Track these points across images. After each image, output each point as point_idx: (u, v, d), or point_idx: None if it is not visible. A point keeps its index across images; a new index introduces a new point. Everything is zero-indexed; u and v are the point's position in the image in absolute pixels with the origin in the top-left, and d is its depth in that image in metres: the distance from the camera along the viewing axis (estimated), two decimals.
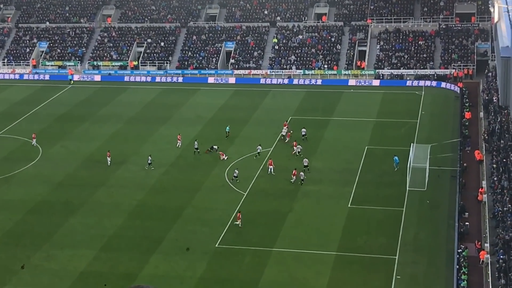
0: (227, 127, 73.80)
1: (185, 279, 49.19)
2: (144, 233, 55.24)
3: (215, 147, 69.15)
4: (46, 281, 49.50)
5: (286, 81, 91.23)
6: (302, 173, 62.54)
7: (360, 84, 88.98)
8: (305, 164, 64.19)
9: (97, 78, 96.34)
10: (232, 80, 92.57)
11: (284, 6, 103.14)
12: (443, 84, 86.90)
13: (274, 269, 49.99)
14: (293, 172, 62.46)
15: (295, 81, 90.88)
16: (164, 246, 53.23)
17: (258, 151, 68.18)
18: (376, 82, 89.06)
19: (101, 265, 51.20)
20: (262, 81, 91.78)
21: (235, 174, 63.06)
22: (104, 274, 49.97)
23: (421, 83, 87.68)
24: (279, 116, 78.06)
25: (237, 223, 55.53)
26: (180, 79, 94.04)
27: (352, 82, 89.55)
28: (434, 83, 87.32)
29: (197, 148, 69.10)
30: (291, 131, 72.12)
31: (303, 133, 71.45)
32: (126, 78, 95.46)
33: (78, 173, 66.40)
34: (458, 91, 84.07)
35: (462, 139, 69.46)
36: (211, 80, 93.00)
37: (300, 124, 73.79)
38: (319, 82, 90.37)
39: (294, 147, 68.21)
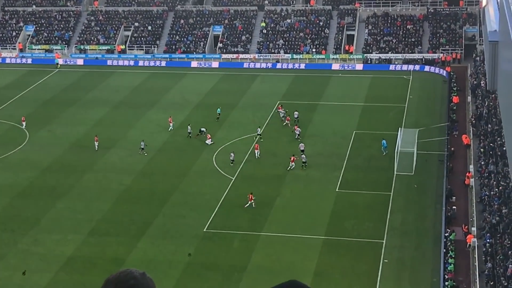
0: (218, 109, 73.71)
1: (173, 263, 49.20)
2: (132, 218, 55.15)
3: (203, 129, 69.01)
4: (34, 266, 49.33)
5: (269, 65, 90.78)
6: (303, 156, 62.43)
7: (345, 69, 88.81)
8: (302, 148, 63.97)
9: (84, 62, 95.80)
10: (215, 64, 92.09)
11: None
12: (431, 69, 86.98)
13: (262, 253, 50.08)
14: (292, 159, 62.19)
15: (279, 65, 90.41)
16: (152, 231, 53.19)
17: (258, 132, 68.22)
18: (360, 66, 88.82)
19: (89, 249, 51.11)
20: (246, 65, 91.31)
21: (231, 158, 63.00)
22: (92, 259, 49.91)
23: (409, 67, 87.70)
24: (267, 100, 77.96)
25: (250, 202, 55.45)
26: (168, 63, 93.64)
27: (335, 66, 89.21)
28: (421, 68, 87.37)
29: (190, 132, 69.00)
30: (288, 114, 71.97)
31: (295, 116, 71.51)
32: (113, 62, 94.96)
33: (65, 158, 66.11)
34: (446, 76, 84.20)
35: (449, 123, 69.65)
36: (194, 64, 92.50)
37: (288, 109, 73.63)
38: (302, 66, 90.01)
39: (295, 131, 68.24)
